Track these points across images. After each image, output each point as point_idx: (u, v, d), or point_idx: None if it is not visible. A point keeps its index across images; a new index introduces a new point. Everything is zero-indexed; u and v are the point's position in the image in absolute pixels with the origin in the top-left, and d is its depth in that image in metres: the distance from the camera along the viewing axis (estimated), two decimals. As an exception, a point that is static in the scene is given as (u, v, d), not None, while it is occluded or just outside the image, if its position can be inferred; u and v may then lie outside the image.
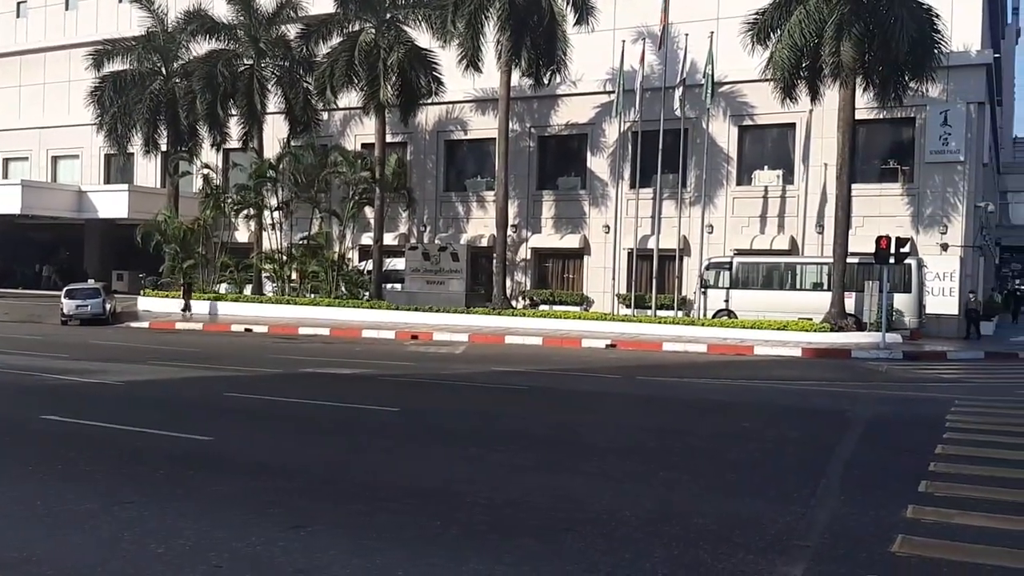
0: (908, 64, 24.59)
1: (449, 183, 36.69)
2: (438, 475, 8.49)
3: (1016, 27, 65.10)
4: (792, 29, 24.52)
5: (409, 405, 13.20)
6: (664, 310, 29.97)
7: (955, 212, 28.29)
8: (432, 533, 6.47)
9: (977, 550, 6.07)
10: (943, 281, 27.45)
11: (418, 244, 33.69)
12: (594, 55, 31.54)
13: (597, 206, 33.40)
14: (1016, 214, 58.43)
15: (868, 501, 7.46)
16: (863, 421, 11.96)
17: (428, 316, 29.14)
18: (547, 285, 34.41)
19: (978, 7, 28.48)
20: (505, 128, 30.11)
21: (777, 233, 30.39)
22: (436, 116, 35.68)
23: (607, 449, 9.92)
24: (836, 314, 25.14)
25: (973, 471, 8.58)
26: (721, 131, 31.33)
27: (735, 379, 17.34)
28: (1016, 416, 12.49)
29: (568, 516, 6.95)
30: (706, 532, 6.52)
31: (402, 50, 30.85)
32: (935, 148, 28.22)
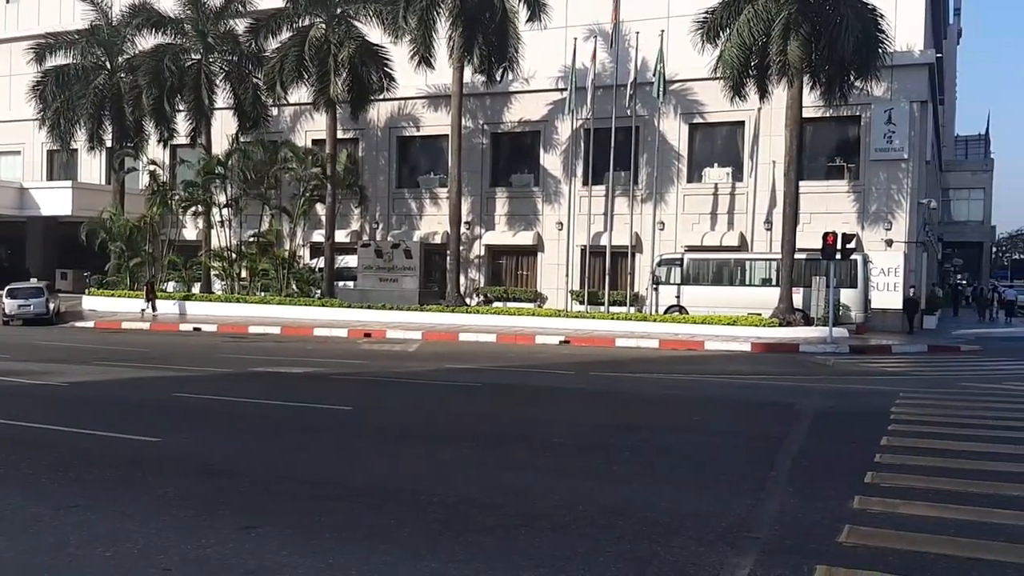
0: (853, 63, 25.07)
1: (402, 180, 36.52)
2: (391, 473, 8.45)
3: (957, 28, 66.85)
4: (741, 28, 24.85)
5: (362, 403, 13.11)
6: (617, 306, 30.20)
7: (899, 209, 28.94)
8: (386, 531, 6.43)
9: (921, 539, 6.22)
10: (888, 276, 28.07)
11: (371, 241, 33.48)
12: (547, 52, 31.64)
13: (550, 203, 33.52)
14: (957, 211, 60.08)
15: (816, 492, 7.60)
16: (811, 414, 12.18)
17: (381, 314, 28.99)
18: (501, 282, 34.45)
19: (921, 8, 29.16)
20: (458, 125, 30.05)
21: (727, 230, 30.80)
22: (388, 112, 35.49)
23: (561, 445, 9.96)
24: (784, 309, 25.57)
25: (917, 462, 8.79)
26: (672, 129, 31.65)
27: (687, 374, 17.53)
28: (958, 408, 12.83)
29: (522, 512, 6.97)
30: (659, 525, 6.58)
31: (353, 46, 30.63)
32: (880, 146, 28.84)
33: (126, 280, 35.03)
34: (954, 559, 5.82)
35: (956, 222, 58.92)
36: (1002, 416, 11.89)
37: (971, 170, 62.30)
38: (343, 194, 34.28)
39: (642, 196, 31.65)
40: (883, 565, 5.65)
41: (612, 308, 29.85)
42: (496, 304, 32.71)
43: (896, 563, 5.69)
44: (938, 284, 45.89)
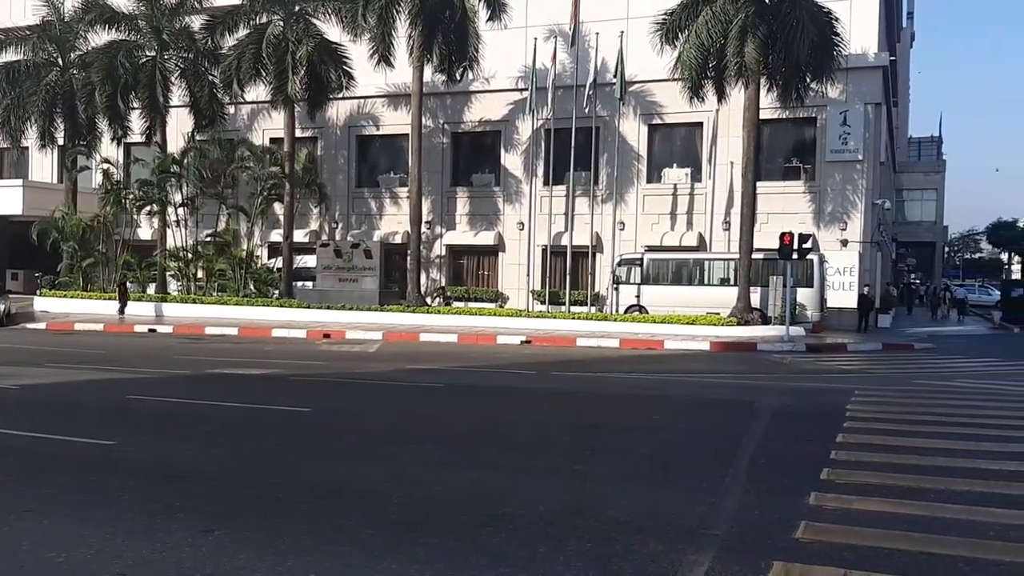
0: (809, 65, 25.46)
1: (361, 179, 36.32)
2: (352, 475, 8.39)
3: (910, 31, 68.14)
4: (699, 30, 25.09)
5: (321, 405, 13.01)
6: (578, 306, 30.33)
7: (854, 209, 29.44)
8: (346, 533, 6.38)
9: (875, 534, 6.33)
10: (843, 276, 28.55)
11: (330, 241, 33.23)
12: (507, 52, 31.68)
13: (511, 203, 33.56)
14: (911, 211, 61.31)
15: (773, 489, 7.70)
16: (769, 412, 12.33)
17: (341, 314, 28.80)
18: (462, 282, 34.42)
19: (875, 12, 29.68)
20: (418, 124, 29.95)
21: (686, 230, 31.09)
22: (347, 111, 35.27)
23: (523, 444, 9.97)
24: (742, 308, 25.87)
25: (872, 458, 8.94)
26: (632, 129, 31.87)
27: (647, 373, 17.64)
28: (912, 405, 13.08)
29: (484, 512, 6.96)
30: (619, 524, 6.62)
31: (311, 43, 30.38)
32: (835, 147, 29.32)
33: (79, 281, 34.38)
34: (907, 553, 5.93)
35: (910, 222, 60.11)
36: (954, 413, 12.14)
37: (924, 171, 63.64)
38: (302, 193, 34.01)
39: (602, 196, 31.82)
40: (838, 560, 5.74)
41: (573, 308, 29.97)
42: (457, 304, 32.67)
43: (851, 558, 5.78)
44: (892, 283, 46.77)
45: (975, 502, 7.21)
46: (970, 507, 7.05)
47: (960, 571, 5.60)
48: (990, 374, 17.97)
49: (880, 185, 33.37)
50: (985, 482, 7.91)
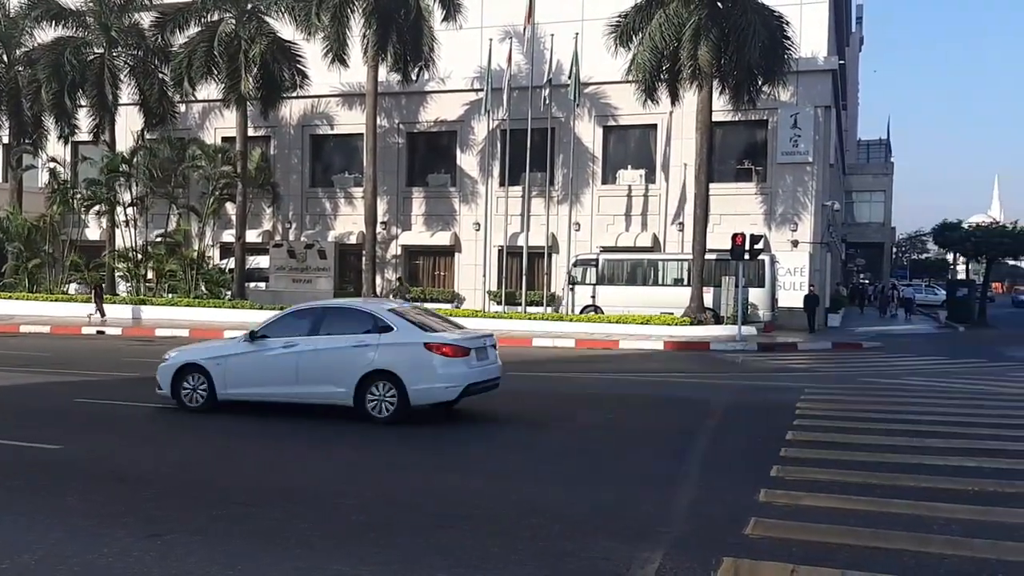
0: (761, 68, 25.83)
1: (316, 179, 36.02)
2: (308, 477, 8.32)
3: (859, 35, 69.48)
4: (653, 32, 25.32)
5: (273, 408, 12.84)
6: (534, 306, 30.40)
7: (804, 211, 29.93)
8: (299, 535, 6.33)
9: (823, 529, 6.45)
10: (794, 276, 29.00)
11: (283, 241, 32.89)
12: (462, 53, 31.64)
13: (467, 203, 33.53)
14: (860, 212, 62.43)
15: (725, 486, 7.80)
16: (721, 410, 12.49)
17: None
18: (418, 282, 34.29)
19: (824, 16, 30.20)
20: (373, 124, 29.78)
21: (641, 231, 31.34)
22: (301, 110, 34.95)
23: (478, 444, 9.97)
24: (696, 308, 26.16)
25: (820, 455, 9.11)
26: (587, 131, 32.03)
27: (602, 372, 17.76)
28: (860, 402, 13.36)
29: (441, 512, 6.96)
30: (573, 522, 6.66)
31: (264, 42, 30.07)
32: (786, 150, 29.77)
33: (24, 282, 33.60)
34: (854, 548, 6.05)
35: (859, 223, 61.22)
36: (901, 410, 12.42)
37: (872, 173, 64.85)
38: (254, 193, 33.60)
39: (558, 197, 31.94)
40: (787, 556, 5.83)
41: (529, 308, 30.03)
42: (413, 305, 32.51)
43: (799, 553, 5.88)
44: (842, 283, 47.67)
45: (920, 497, 7.38)
46: (915, 502, 7.22)
47: (904, 565, 5.72)
48: (936, 372, 18.38)
49: (830, 187, 33.98)
50: (930, 478, 8.11)
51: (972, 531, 6.44)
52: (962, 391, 14.86)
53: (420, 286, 34.08)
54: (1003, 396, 14.22)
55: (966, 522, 6.67)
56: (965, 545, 6.10)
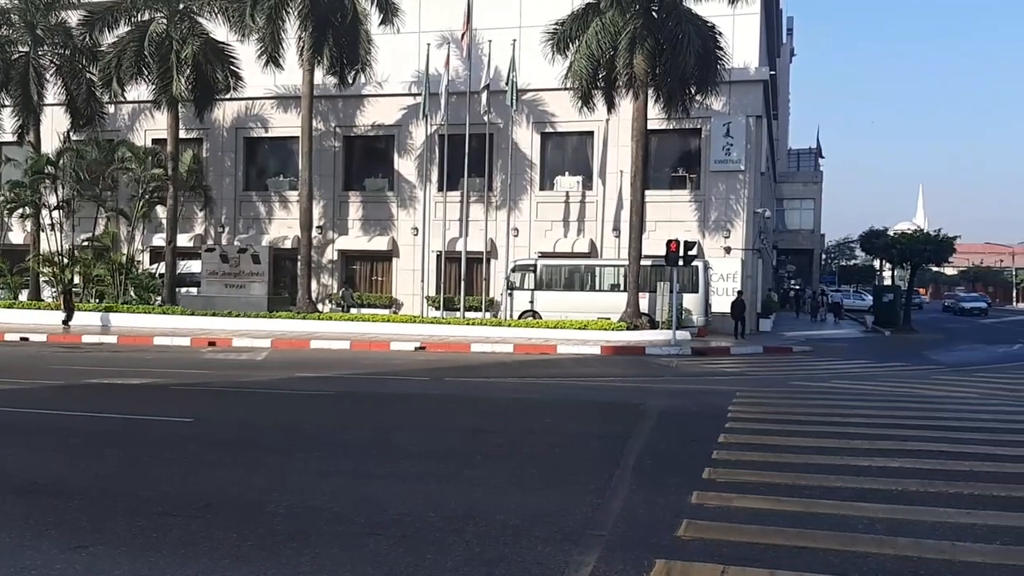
0: (694, 78, 26.27)
1: (250, 182, 35.46)
2: (235, 486, 8.14)
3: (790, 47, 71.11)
4: (590, 40, 25.56)
5: (204, 415, 12.56)
6: (472, 311, 30.40)
7: (737, 218, 30.51)
8: (227, 546, 6.19)
9: (753, 530, 6.55)
10: (727, 282, 29.54)
11: (216, 245, 32.29)
12: (400, 57, 31.54)
13: (405, 208, 33.38)
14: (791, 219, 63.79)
15: (658, 489, 7.87)
16: (655, 414, 12.61)
17: (227, 321, 27.99)
18: (355, 288, 33.97)
19: (756, 28, 30.87)
20: (308, 127, 29.43)
21: (578, 236, 31.57)
22: (235, 112, 34.39)
23: (414, 451, 9.88)
24: (632, 313, 26.44)
25: (751, 457, 9.27)
26: (525, 137, 32.18)
27: (539, 377, 17.80)
28: (789, 405, 13.63)
29: (372, 520, 6.87)
30: (507, 527, 6.64)
31: (197, 43, 29.52)
32: (719, 158, 30.33)
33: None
34: (782, 548, 6.15)
35: (789, 230, 62.57)
36: (828, 413, 12.72)
37: (803, 181, 66.31)
38: (186, 196, 32.93)
39: (497, 203, 31.99)
40: (717, 557, 5.91)
41: (468, 314, 30.02)
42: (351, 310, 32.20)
43: (729, 554, 5.97)
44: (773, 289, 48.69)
45: (846, 497, 7.55)
46: (841, 502, 7.38)
47: (830, 563, 5.84)
48: (863, 375, 18.91)
49: (761, 195, 34.70)
50: (856, 478, 8.31)
51: (896, 530, 6.60)
52: (887, 394, 15.29)
53: (357, 291, 33.79)
54: (925, 398, 14.69)
55: (890, 521, 6.84)
56: (889, 544, 6.26)
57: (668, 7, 25.84)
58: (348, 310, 32.08)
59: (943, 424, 11.64)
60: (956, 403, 14.11)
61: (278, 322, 27.97)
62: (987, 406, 13.72)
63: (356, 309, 32.42)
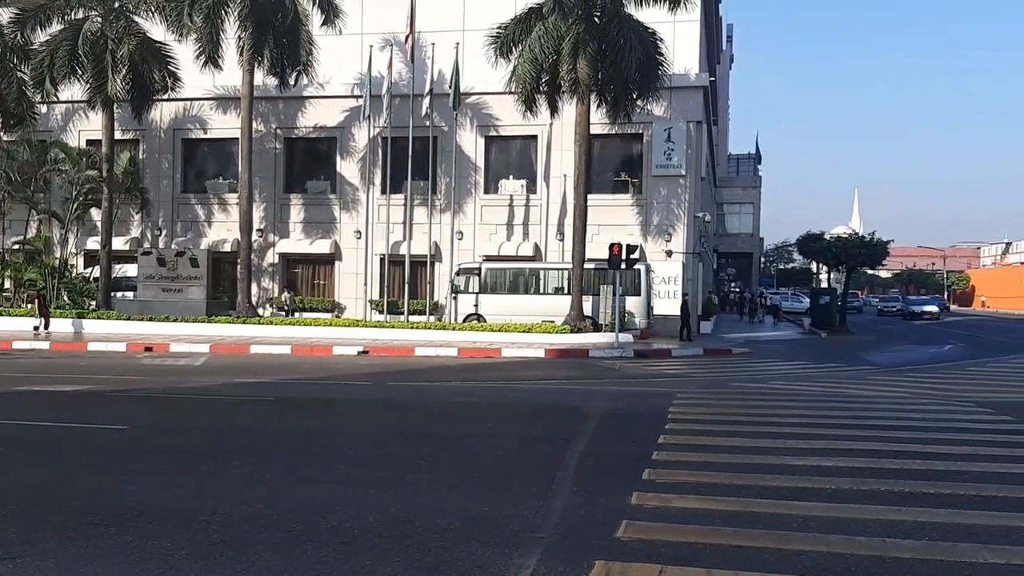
0: (636, 83, 26.55)
1: (188, 184, 34.81)
2: (169, 494, 7.96)
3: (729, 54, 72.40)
4: (533, 45, 25.66)
5: (139, 422, 12.28)
6: (416, 315, 30.26)
7: (678, 222, 30.91)
8: (161, 554, 6.05)
9: (690, 530, 6.64)
10: (668, 285, 29.92)
11: (152, 249, 31.63)
12: (343, 59, 31.28)
13: (348, 211, 33.09)
14: (731, 224, 64.92)
15: (598, 491, 7.92)
16: (597, 416, 12.69)
17: (164, 326, 27.42)
18: (297, 291, 33.56)
19: (696, 35, 31.34)
20: (248, 128, 29.01)
21: (523, 240, 31.65)
22: (173, 113, 33.76)
23: (355, 457, 9.80)
24: (575, 316, 26.59)
25: (690, 458, 9.38)
26: (469, 140, 32.16)
27: (483, 381, 17.79)
28: (728, 406, 13.85)
29: (310, 527, 6.78)
30: (448, 532, 6.62)
31: (133, 42, 28.91)
32: (660, 163, 30.69)
33: None
34: (718, 547, 6.24)
35: (729, 234, 63.66)
36: (766, 413, 12.95)
37: (742, 186, 67.55)
38: (122, 199, 32.20)
39: (441, 206, 31.91)
40: (655, 557, 5.97)
41: (412, 317, 29.87)
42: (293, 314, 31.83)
43: (667, 554, 6.03)
44: (714, 292, 49.45)
45: (782, 496, 7.69)
46: (777, 501, 7.51)
47: (765, 562, 5.94)
48: (800, 376, 19.29)
49: (702, 199, 35.23)
50: (791, 477, 8.47)
51: (829, 528, 6.73)
52: (822, 394, 15.63)
53: (299, 295, 33.40)
54: (858, 398, 15.05)
55: (823, 519, 6.98)
56: (822, 541, 6.38)
57: (610, 13, 26.08)
58: (291, 314, 31.71)
59: (875, 423, 11.94)
60: (888, 403, 14.49)
61: (217, 327, 27.49)
62: (917, 405, 14.11)
63: (298, 313, 32.06)
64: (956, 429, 11.53)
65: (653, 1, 26.36)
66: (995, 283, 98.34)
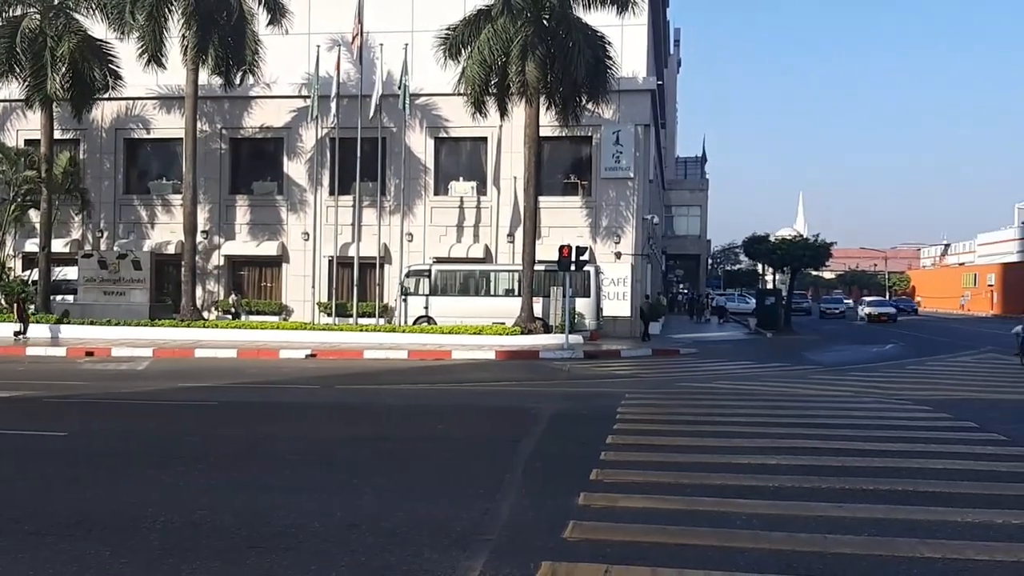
0: (585, 86, 26.69)
1: (130, 185, 34.10)
2: (109, 501, 7.79)
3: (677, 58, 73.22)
4: (482, 47, 25.66)
5: (80, 428, 11.99)
6: (366, 318, 30.02)
7: (627, 224, 31.13)
8: (99, 564, 5.91)
9: (637, 529, 6.70)
10: (617, 286, 30.13)
11: (94, 251, 30.91)
12: (290, 59, 30.91)
13: (296, 212, 32.70)
14: (679, 226, 65.65)
15: (546, 492, 7.95)
16: (547, 417, 12.74)
17: (106, 330, 26.83)
18: (244, 294, 33.07)
19: (644, 38, 31.61)
20: (193, 128, 28.51)
21: (473, 242, 31.60)
22: (115, 112, 33.03)
23: (301, 461, 9.69)
24: (526, 318, 26.65)
25: (637, 458, 9.48)
26: (418, 142, 32.01)
27: (434, 383, 17.73)
28: (675, 406, 14.00)
29: (254, 533, 6.69)
30: (395, 535, 6.59)
31: (74, 40, 28.23)
32: (609, 165, 30.88)
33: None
34: (664, 546, 6.31)
35: (677, 236, 64.37)
36: (712, 412, 13.13)
37: (690, 189, 68.39)
38: (62, 200, 31.40)
39: (390, 207, 31.72)
40: (602, 557, 6.01)
41: (361, 320, 29.63)
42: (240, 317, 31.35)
43: (613, 554, 6.08)
44: (663, 293, 49.93)
45: (726, 495, 7.80)
46: (721, 500, 7.62)
47: (709, 559, 6.02)
48: (745, 376, 19.59)
49: (650, 201, 35.55)
50: (735, 476, 8.60)
51: (772, 525, 6.85)
52: (766, 393, 15.89)
53: (245, 297, 32.92)
54: (802, 397, 15.33)
55: (767, 516, 7.10)
56: (765, 538, 6.49)
57: (559, 16, 26.19)
58: (237, 317, 31.24)
59: (818, 422, 12.18)
60: (830, 401, 14.79)
61: (161, 330, 26.97)
62: (859, 404, 14.43)
63: (244, 316, 31.59)
64: (895, 427, 11.82)
65: (601, 4, 26.54)
66: (934, 284, 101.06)
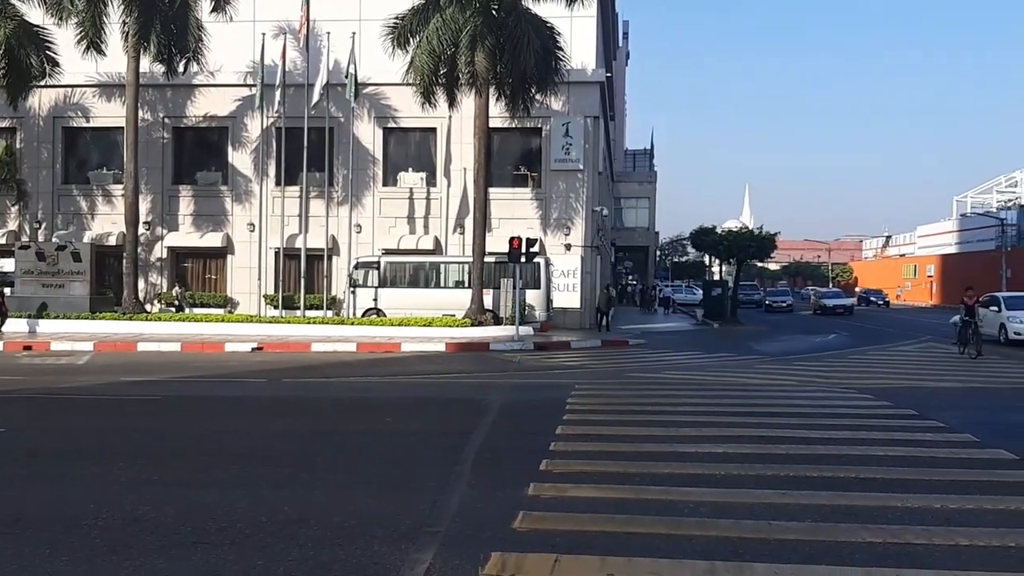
0: (535, 77, 26.68)
1: (69, 175, 33.24)
2: (47, 499, 7.59)
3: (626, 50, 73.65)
4: (431, 36, 25.49)
5: (15, 424, 11.67)
6: (313, 310, 29.70)
7: (577, 216, 31.26)
8: (38, 563, 5.76)
9: (585, 518, 6.74)
10: (567, 278, 30.28)
11: (31, 243, 30.05)
12: (235, 47, 30.36)
13: (241, 203, 32.21)
14: (628, 218, 66.10)
15: (496, 483, 7.95)
16: (497, 408, 12.75)
17: (44, 323, 26.11)
18: (187, 286, 32.49)
19: (593, 30, 31.71)
20: (134, 117, 27.86)
21: (423, 233, 31.47)
22: (53, 100, 32.16)
23: (247, 456, 9.55)
24: (476, 310, 26.61)
25: (586, 448, 9.53)
26: (367, 132, 31.73)
27: (383, 376, 17.64)
28: (624, 396, 14.13)
29: (199, 529, 6.58)
30: (343, 530, 6.53)
31: (10, 25, 27.36)
32: (558, 157, 30.97)
33: None
34: (612, 535, 6.36)
35: (627, 228, 64.83)
36: (659, 402, 13.27)
37: (638, 181, 68.85)
38: (-2, 190, 30.49)
39: (338, 198, 31.41)
40: (551, 546, 6.03)
41: (309, 312, 29.30)
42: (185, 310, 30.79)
43: (562, 543, 6.10)
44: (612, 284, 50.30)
45: (673, 483, 7.90)
46: (668, 488, 7.71)
47: (657, 547, 6.08)
48: (692, 366, 19.83)
49: (599, 193, 35.72)
50: (682, 464, 8.70)
51: (718, 512, 6.95)
52: (713, 383, 16.11)
53: (190, 290, 32.34)
54: (747, 386, 15.58)
55: (713, 504, 7.20)
56: (712, 526, 6.57)
57: (508, 6, 26.12)
58: (181, 310, 30.67)
59: (763, 411, 12.37)
60: (775, 390, 15.05)
61: (101, 323, 26.35)
62: (803, 393, 14.70)
63: (188, 309, 31.04)
64: (838, 415, 12.07)
65: (551, -5, 26.52)
66: (875, 274, 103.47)
